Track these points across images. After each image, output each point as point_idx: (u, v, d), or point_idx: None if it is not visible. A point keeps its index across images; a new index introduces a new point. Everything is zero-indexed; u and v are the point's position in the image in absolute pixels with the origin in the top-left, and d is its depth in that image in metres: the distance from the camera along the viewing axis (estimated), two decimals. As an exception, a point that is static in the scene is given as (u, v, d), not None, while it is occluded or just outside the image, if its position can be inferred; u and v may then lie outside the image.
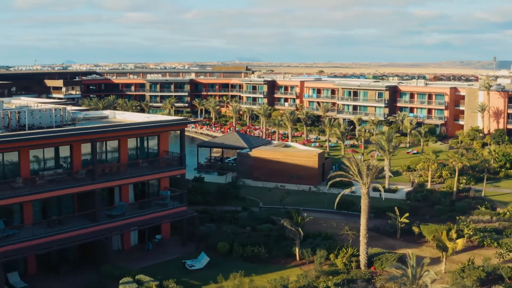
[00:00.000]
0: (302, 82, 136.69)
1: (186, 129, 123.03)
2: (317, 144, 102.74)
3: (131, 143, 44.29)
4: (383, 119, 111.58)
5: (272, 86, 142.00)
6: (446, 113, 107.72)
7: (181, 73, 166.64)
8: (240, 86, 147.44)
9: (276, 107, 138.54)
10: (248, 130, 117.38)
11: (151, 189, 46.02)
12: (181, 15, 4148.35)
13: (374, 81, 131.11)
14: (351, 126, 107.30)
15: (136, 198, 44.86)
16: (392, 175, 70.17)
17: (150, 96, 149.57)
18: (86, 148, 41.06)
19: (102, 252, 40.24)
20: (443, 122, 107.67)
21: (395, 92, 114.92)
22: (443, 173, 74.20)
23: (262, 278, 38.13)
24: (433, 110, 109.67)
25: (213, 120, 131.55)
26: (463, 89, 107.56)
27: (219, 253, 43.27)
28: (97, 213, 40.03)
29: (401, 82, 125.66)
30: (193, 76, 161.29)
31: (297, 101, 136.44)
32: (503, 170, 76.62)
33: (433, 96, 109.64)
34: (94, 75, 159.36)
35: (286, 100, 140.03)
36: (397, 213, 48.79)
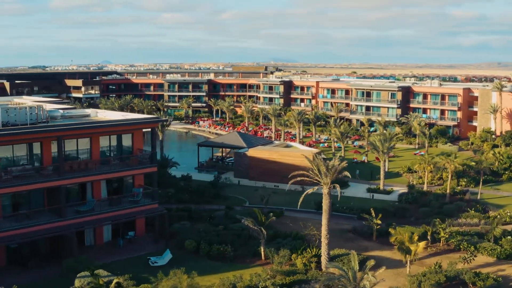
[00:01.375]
0: (318, 83, 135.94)
1: (200, 128, 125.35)
2: (325, 144, 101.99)
3: (104, 141, 45.01)
4: (395, 120, 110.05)
5: (289, 86, 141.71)
6: (459, 114, 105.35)
7: (200, 73, 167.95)
8: (258, 86, 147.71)
9: (293, 107, 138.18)
10: (259, 130, 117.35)
11: (125, 186, 46.65)
12: (217, 15, 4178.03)
13: (390, 82, 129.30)
14: (362, 127, 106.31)
15: (110, 195, 45.56)
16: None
17: (169, 96, 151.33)
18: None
19: (67, 247, 41.07)
20: (456, 123, 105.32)
21: (408, 93, 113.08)
22: (443, 175, 72.69)
23: (221, 276, 38.15)
24: (446, 111, 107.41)
25: (227, 120, 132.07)
26: (477, 90, 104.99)
27: (186, 250, 43.66)
28: (62, 209, 40.84)
29: (415, 83, 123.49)
30: (212, 76, 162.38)
31: (313, 101, 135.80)
32: (507, 172, 74.49)
33: (446, 97, 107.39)
34: (115, 75, 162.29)
35: (302, 100, 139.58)
36: (373, 214, 48.08)
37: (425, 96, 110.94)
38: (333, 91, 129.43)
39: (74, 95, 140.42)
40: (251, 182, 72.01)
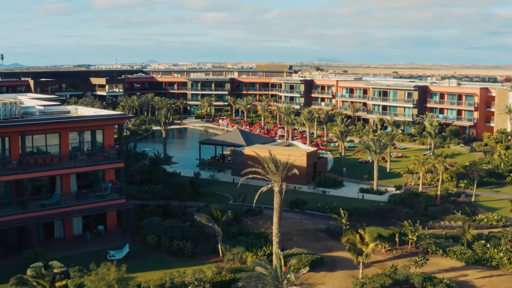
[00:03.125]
0: (337, 82, 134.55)
1: (218, 127, 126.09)
2: (336, 144, 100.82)
3: (75, 136, 46.11)
4: (411, 120, 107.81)
5: (310, 85, 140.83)
6: (475, 114, 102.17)
7: (224, 72, 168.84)
8: (279, 85, 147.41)
9: (313, 106, 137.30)
10: (274, 129, 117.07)
11: (96, 181, 47.63)
12: (261, 15, 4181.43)
13: (410, 81, 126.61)
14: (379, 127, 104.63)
15: (80, 189, 46.63)
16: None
17: (192, 94, 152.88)
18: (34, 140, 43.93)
19: (29, 238, 42.31)
20: (472, 124, 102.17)
21: (425, 93, 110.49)
22: (444, 176, 70.76)
23: (171, 271, 38.41)
24: (463, 111, 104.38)
25: (245, 119, 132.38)
26: (495, 89, 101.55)
27: (149, 245, 44.21)
28: (26, 201, 42.09)
29: (434, 83, 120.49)
30: (236, 75, 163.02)
31: (333, 100, 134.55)
32: (511, 175, 71.88)
33: (463, 97, 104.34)
34: (140, 73, 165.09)
35: (323, 99, 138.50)
36: (342, 214, 47.34)
37: (442, 96, 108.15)
38: (351, 90, 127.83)
39: (98, 93, 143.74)
40: (247, 180, 71.89)
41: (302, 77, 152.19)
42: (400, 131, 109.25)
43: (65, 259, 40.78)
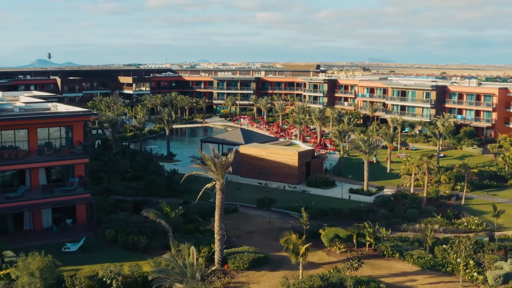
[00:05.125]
0: (360, 82, 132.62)
1: (236, 125, 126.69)
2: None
3: (43, 132, 47.72)
4: (428, 120, 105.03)
5: (333, 85, 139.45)
6: (494, 115, 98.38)
7: (251, 71, 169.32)
8: (304, 84, 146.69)
9: (336, 106, 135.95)
10: (290, 129, 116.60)
11: (66, 175, 49.13)
12: (312, 15, 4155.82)
13: (432, 81, 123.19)
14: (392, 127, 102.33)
15: (50, 183, 48.24)
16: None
17: (218, 93, 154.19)
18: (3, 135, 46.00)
19: (-3, 229, 44.29)
20: (490, 124, 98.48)
21: (444, 93, 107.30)
22: (442, 178, 68.90)
23: (115, 264, 39.18)
24: (481, 112, 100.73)
25: (264, 118, 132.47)
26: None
27: (107, 239, 45.26)
28: (-12, 194, 44.05)
29: (454, 82, 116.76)
30: (262, 74, 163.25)
31: (356, 100, 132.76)
32: (514, 178, 69.21)
33: (482, 97, 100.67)
34: (168, 72, 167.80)
35: (345, 99, 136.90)
36: (304, 214, 46.89)
37: (460, 96, 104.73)
38: (371, 90, 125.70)
39: (126, 91, 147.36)
40: (241, 179, 72.20)
41: (328, 76, 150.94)
42: (418, 132, 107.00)
43: (24, 250, 42.14)
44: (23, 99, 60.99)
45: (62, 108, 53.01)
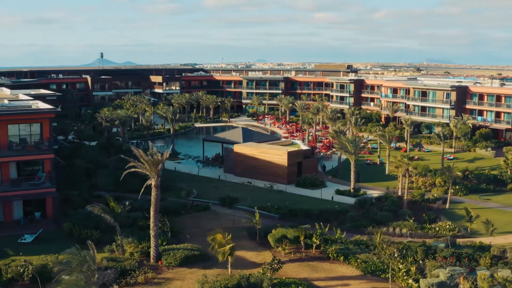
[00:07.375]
0: (385, 82, 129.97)
1: (259, 125, 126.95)
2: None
3: (14, 128, 49.92)
4: (447, 121, 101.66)
5: (360, 85, 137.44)
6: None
7: (281, 71, 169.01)
8: (332, 84, 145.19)
9: (363, 106, 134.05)
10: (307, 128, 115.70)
11: (37, 170, 51.21)
12: (370, 15, 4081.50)
13: (457, 81, 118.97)
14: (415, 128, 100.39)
15: (21, 177, 50.54)
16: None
17: (247, 93, 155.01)
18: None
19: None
20: (510, 126, 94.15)
21: (465, 93, 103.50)
22: (437, 181, 66.85)
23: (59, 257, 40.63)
24: (502, 114, 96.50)
25: (287, 118, 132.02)
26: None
27: (64, 232, 46.84)
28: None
29: (477, 83, 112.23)
30: (293, 74, 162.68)
31: (381, 101, 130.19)
32: (514, 181, 66.14)
33: (502, 98, 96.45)
34: (201, 72, 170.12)
35: (372, 99, 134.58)
36: (257, 215, 46.78)
37: (481, 97, 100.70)
38: (394, 91, 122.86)
39: (156, 90, 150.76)
40: (236, 178, 72.48)
41: (357, 76, 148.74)
42: (435, 133, 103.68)
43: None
44: (21, 97, 64.29)
45: (41, 105, 55.17)
